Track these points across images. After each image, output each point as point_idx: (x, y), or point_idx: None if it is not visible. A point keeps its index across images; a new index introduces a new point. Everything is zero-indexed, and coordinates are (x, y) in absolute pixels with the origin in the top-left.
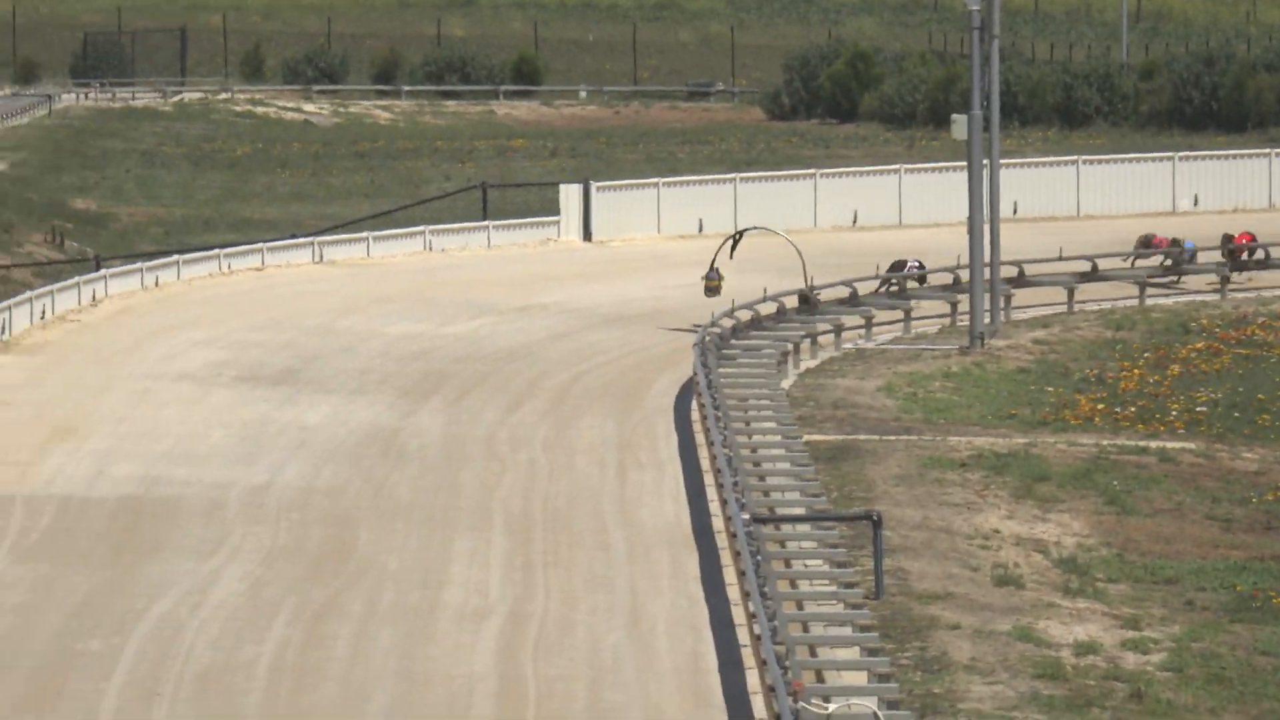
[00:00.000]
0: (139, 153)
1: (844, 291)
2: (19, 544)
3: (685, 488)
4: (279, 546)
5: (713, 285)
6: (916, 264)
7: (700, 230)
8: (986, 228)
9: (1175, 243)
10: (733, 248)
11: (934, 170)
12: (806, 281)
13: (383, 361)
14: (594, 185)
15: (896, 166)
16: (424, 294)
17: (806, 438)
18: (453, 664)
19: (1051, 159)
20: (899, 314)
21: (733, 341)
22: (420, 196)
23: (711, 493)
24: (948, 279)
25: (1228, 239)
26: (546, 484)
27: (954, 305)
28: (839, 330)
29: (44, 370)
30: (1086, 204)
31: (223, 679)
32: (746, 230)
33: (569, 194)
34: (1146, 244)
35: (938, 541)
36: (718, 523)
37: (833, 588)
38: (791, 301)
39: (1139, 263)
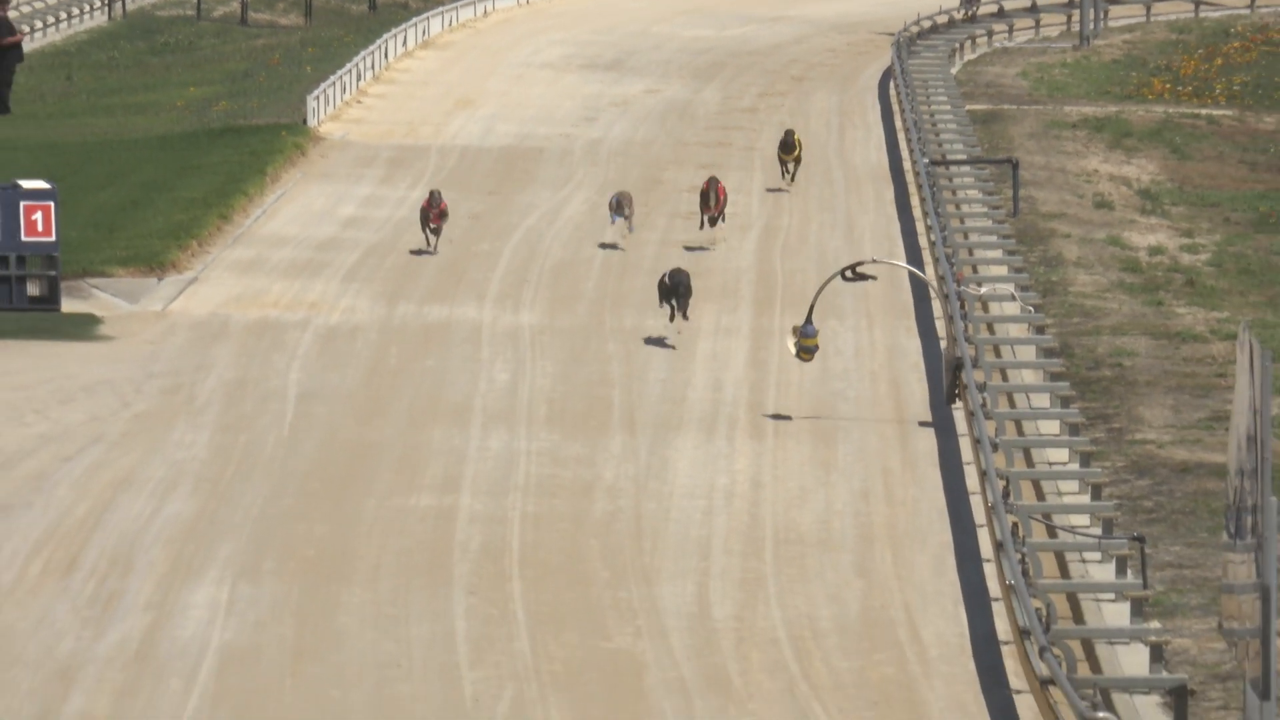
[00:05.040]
0: None
1: (994, 7)
2: (434, 177)
3: (885, 141)
4: (609, 180)
5: (806, 346)
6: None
7: None
8: None
9: None
10: (852, 278)
11: None
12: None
13: (680, 55)
14: None
15: None
16: (708, 8)
17: (967, 107)
18: (726, 261)
19: None
20: (1032, 23)
21: (918, 41)
22: None
23: (902, 144)
24: None
25: None
26: None
27: (1069, 16)
28: (990, 34)
29: (450, 61)
30: None
31: (570, 269)
32: (860, 263)
33: None
34: None
35: (1055, 178)
36: (906, 164)
37: (984, 209)
38: (959, 13)
39: None
